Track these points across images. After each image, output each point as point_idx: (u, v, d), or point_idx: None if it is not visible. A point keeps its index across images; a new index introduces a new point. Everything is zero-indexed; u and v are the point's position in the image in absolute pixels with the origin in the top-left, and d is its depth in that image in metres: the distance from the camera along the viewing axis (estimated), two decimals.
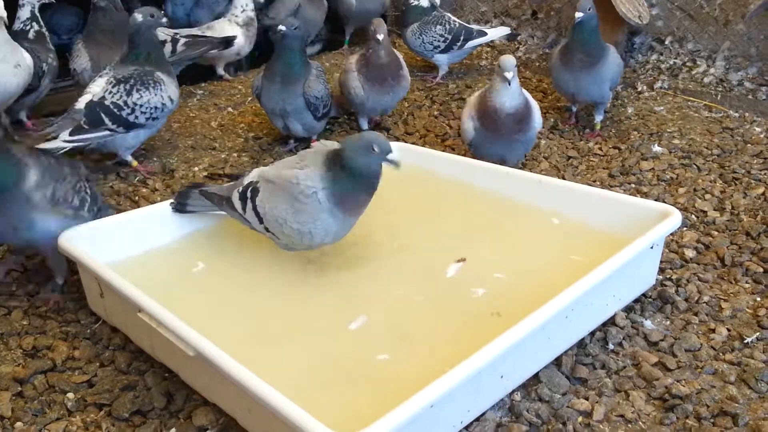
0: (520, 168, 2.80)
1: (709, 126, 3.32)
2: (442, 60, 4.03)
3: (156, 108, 2.78)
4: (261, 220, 2.00)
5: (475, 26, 4.13)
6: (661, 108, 3.55)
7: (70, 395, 1.74)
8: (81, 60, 3.19)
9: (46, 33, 3.23)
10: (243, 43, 3.92)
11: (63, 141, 2.68)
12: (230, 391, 1.53)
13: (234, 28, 3.88)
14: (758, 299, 2.07)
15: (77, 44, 3.27)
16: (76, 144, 2.70)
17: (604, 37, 3.19)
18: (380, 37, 3.02)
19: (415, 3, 4.01)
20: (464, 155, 2.73)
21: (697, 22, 4.07)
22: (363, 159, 1.90)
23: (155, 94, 2.78)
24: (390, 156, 1.93)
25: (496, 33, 4.12)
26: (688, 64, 4.00)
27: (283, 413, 1.34)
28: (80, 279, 2.03)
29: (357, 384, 1.64)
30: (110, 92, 2.74)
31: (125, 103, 2.72)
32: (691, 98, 3.68)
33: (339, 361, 1.71)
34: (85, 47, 3.21)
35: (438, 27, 3.91)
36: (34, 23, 3.16)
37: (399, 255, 2.15)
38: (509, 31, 4.23)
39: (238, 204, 2.04)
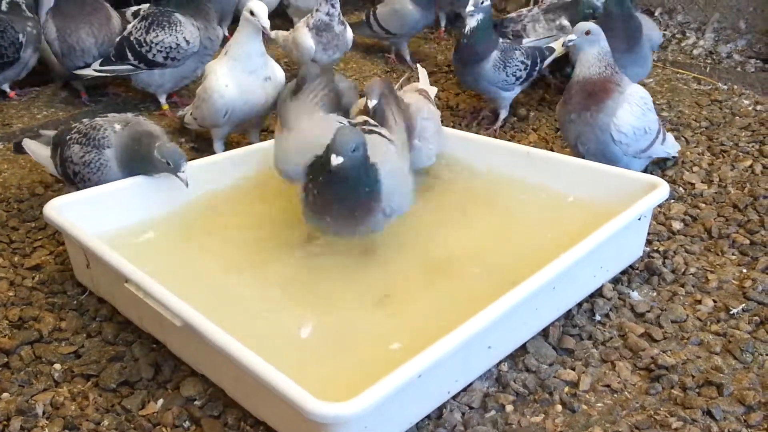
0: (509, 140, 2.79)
1: (697, 98, 3.32)
2: (511, 96, 3.06)
3: (171, 48, 2.94)
4: None
5: (536, 41, 3.23)
6: (650, 80, 3.54)
7: (57, 366, 1.74)
8: (49, 30, 3.16)
9: (22, 2, 3.18)
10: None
11: (93, 70, 3.03)
12: (218, 361, 1.53)
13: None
14: (744, 271, 2.09)
15: (47, 14, 3.23)
16: (104, 74, 3.03)
17: None
18: (371, 103, 2.13)
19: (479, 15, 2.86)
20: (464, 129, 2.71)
21: None
22: None
23: (170, 35, 2.94)
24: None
25: (558, 44, 3.12)
26: (677, 36, 4.00)
27: (270, 383, 1.34)
28: (67, 250, 2.02)
29: (343, 354, 1.64)
30: (136, 28, 2.99)
31: (145, 41, 2.94)
32: (680, 70, 3.68)
33: (326, 333, 1.71)
34: (52, 17, 3.16)
35: (517, 52, 2.95)
36: None
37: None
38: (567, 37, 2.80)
39: None
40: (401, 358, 1.38)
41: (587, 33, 2.41)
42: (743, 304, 1.93)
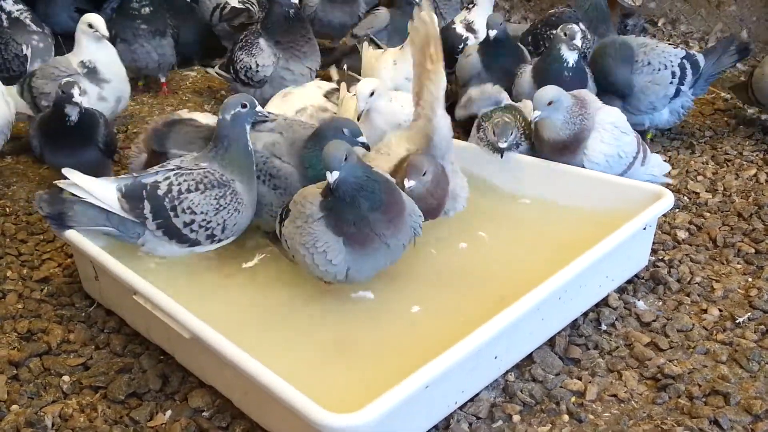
0: None
1: (701, 107, 3.32)
2: None
3: (249, 68, 3.02)
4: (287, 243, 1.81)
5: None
6: None
7: (66, 378, 1.74)
8: None
9: (26, 16, 3.20)
10: None
11: (215, 72, 3.26)
12: (226, 373, 1.54)
13: None
14: (750, 280, 2.09)
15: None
16: (219, 76, 3.23)
17: None
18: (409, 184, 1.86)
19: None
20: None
21: (690, 4, 4.07)
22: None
23: (248, 55, 3.03)
24: (360, 138, 1.79)
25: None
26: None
27: (279, 394, 1.35)
28: (75, 262, 2.04)
29: (353, 364, 1.65)
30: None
31: (234, 57, 3.08)
32: None
33: (335, 343, 1.72)
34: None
35: None
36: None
37: None
38: None
39: (277, 228, 1.87)
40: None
41: (549, 104, 2.22)
42: (749, 313, 1.93)
